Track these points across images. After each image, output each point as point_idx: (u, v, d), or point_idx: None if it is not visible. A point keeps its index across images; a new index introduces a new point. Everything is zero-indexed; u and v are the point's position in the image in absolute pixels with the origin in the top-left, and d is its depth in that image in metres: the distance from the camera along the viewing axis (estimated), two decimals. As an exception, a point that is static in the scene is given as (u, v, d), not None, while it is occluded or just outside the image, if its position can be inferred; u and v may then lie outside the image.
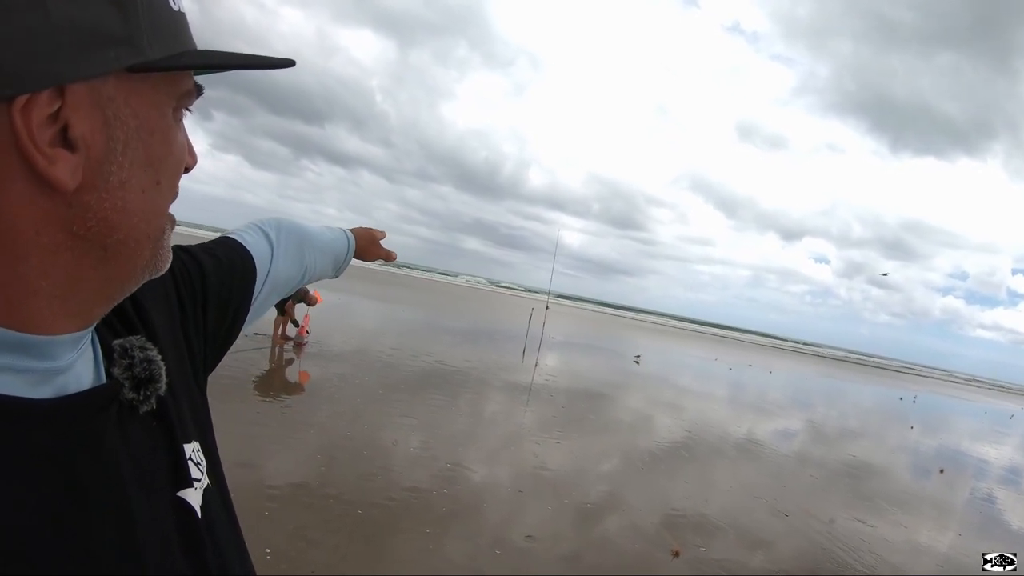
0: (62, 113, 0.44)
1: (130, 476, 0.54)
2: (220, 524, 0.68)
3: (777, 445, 11.38)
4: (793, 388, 25.46)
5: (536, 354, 16.74)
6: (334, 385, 9.34)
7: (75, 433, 0.50)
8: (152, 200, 0.52)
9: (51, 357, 0.49)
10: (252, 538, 4.01)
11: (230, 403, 7.15)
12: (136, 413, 0.58)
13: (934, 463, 12.79)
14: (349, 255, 1.30)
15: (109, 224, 0.48)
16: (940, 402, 31.59)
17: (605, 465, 7.84)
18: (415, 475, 5.95)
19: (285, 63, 0.59)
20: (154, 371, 0.60)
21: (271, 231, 1.02)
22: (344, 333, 14.57)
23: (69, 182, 0.44)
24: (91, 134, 0.46)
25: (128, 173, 0.49)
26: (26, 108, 0.42)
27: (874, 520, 7.64)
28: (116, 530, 0.51)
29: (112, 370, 0.58)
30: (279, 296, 1.03)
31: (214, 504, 0.68)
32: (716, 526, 6.25)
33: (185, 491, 0.62)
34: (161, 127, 0.52)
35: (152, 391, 0.59)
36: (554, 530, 5.38)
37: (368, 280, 41.21)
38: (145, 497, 0.56)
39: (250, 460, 5.54)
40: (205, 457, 0.69)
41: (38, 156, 0.43)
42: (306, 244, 1.10)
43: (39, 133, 0.42)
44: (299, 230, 1.09)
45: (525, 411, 10.10)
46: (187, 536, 0.61)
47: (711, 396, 16.54)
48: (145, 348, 0.61)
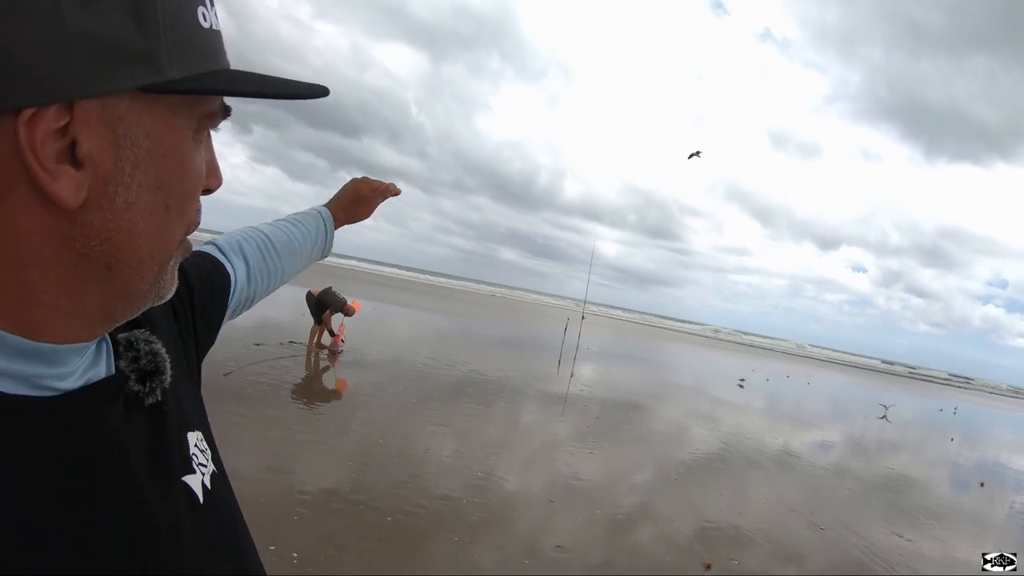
0: (70, 129, 0.43)
1: (138, 464, 0.55)
2: (227, 509, 0.70)
3: (814, 457, 11.16)
4: (831, 399, 24.97)
5: (571, 364, 16.66)
6: (368, 393, 9.40)
7: (82, 424, 0.50)
8: (159, 224, 0.51)
9: (57, 364, 0.50)
10: (280, 542, 4.02)
11: (264, 409, 7.25)
12: (142, 405, 0.59)
13: (974, 476, 12.42)
14: (330, 233, 1.27)
15: (112, 244, 0.48)
16: (981, 413, 30.73)
17: (638, 476, 7.77)
18: (446, 483, 5.96)
19: (317, 92, 0.57)
20: (159, 364, 0.61)
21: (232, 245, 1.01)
22: (380, 342, 14.66)
23: (71, 200, 0.44)
24: (99, 153, 0.45)
25: (135, 195, 0.48)
26: (32, 121, 0.41)
27: (912, 534, 7.44)
28: (128, 516, 0.52)
29: (118, 363, 0.59)
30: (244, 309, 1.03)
31: (220, 490, 0.69)
32: (750, 539, 6.15)
33: (191, 477, 0.64)
34: (176, 149, 0.50)
35: (157, 383, 0.60)
36: (585, 540, 5.34)
37: (406, 290, 41.51)
38: (154, 484, 0.56)
39: (282, 465, 5.61)
40: (208, 445, 0.71)
41: (40, 171, 0.42)
42: (268, 250, 1.08)
43: (43, 148, 0.42)
44: (259, 238, 1.08)
45: (559, 421, 10.05)
46: (197, 521, 0.62)
47: (747, 407, 16.30)
48: (150, 341, 0.62)
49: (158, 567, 0.53)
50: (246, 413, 6.82)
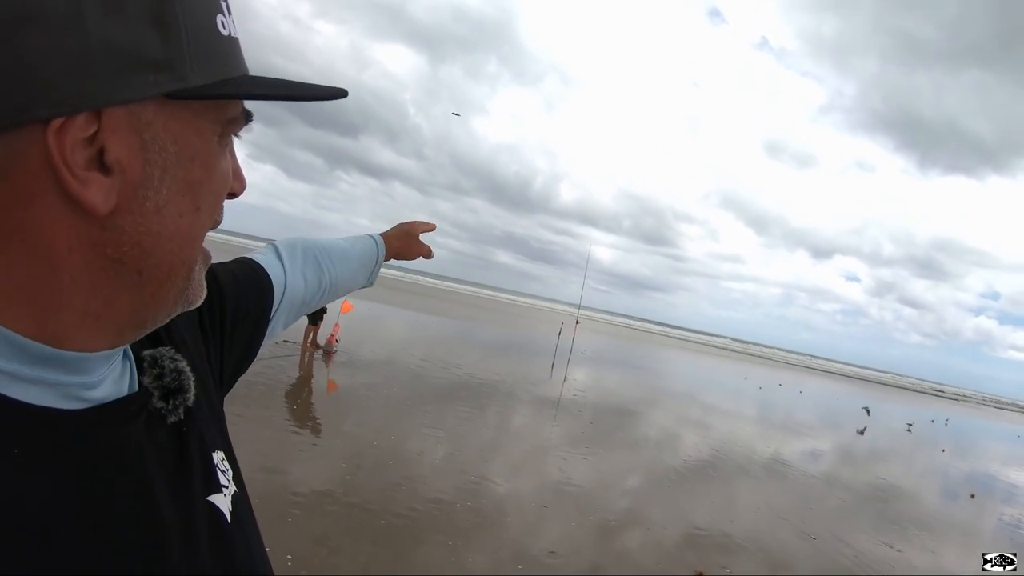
0: (98, 136, 0.44)
1: (158, 481, 0.55)
2: (248, 529, 0.69)
3: (805, 466, 11.20)
4: (823, 408, 25.04)
5: (565, 368, 16.67)
6: (362, 394, 9.40)
7: (104, 440, 0.51)
8: (189, 226, 0.51)
9: (84, 372, 0.50)
10: (274, 543, 4.00)
11: (258, 409, 7.24)
12: (164, 422, 0.59)
13: (965, 487, 12.51)
14: (380, 260, 1.27)
15: (143, 249, 0.48)
16: (972, 425, 30.82)
17: (630, 482, 7.80)
18: (440, 486, 5.97)
19: (337, 94, 0.58)
20: (183, 382, 0.61)
21: (284, 250, 1.02)
22: (374, 343, 14.66)
23: (102, 206, 0.44)
24: (127, 159, 0.45)
25: (165, 199, 0.48)
26: (61, 130, 0.42)
27: (901, 544, 7.48)
28: (142, 531, 0.51)
29: (142, 379, 0.58)
30: (297, 316, 1.02)
31: (242, 510, 0.68)
32: (741, 547, 6.17)
33: (215, 496, 0.63)
34: (202, 153, 0.51)
35: (181, 401, 0.60)
36: (577, 546, 5.36)
37: (399, 291, 41.44)
38: (174, 502, 0.56)
39: (276, 466, 5.61)
40: (230, 466, 0.70)
41: (70, 179, 0.42)
42: (325, 258, 1.09)
43: (72, 156, 0.42)
44: (315, 246, 1.09)
45: (552, 426, 10.07)
46: (218, 540, 0.61)
47: (739, 415, 16.33)
48: (175, 359, 0.61)
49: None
50: (241, 413, 6.80)
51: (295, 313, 1.01)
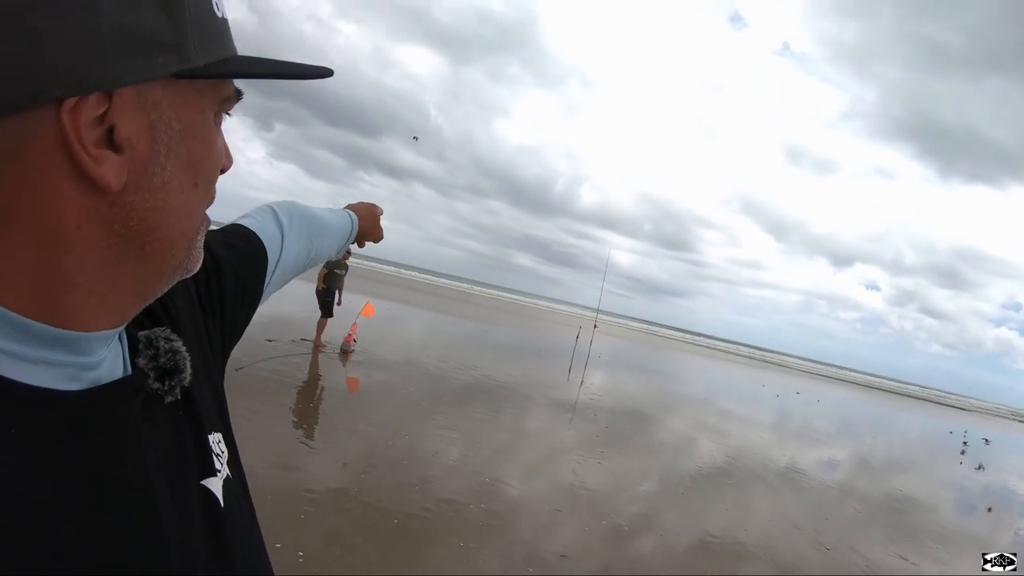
0: (109, 115, 0.45)
1: (153, 463, 0.56)
2: (240, 514, 0.70)
3: (821, 475, 11.09)
4: (841, 417, 24.78)
5: (582, 372, 16.64)
6: (378, 394, 9.45)
7: (100, 422, 0.51)
8: (190, 201, 0.54)
9: (85, 352, 0.51)
10: (287, 540, 4.05)
11: (274, 406, 7.31)
12: (161, 403, 0.60)
13: (982, 500, 12.35)
14: (350, 239, 1.31)
15: (148, 223, 0.50)
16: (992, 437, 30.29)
17: (644, 487, 7.77)
18: (453, 487, 5.98)
19: (322, 72, 0.61)
20: (179, 362, 0.61)
21: (283, 216, 1.03)
22: (391, 343, 14.71)
23: (114, 182, 0.46)
24: (136, 137, 0.47)
25: (170, 175, 0.51)
26: (75, 110, 0.43)
27: (916, 557, 7.39)
28: (138, 513, 0.52)
29: (137, 361, 0.59)
30: (280, 287, 1.02)
31: (234, 494, 0.69)
32: (754, 555, 6.13)
33: (209, 480, 0.64)
34: (203, 131, 0.54)
35: (177, 381, 0.61)
36: (589, 550, 5.35)
37: (418, 291, 41.57)
38: (169, 484, 0.57)
39: (290, 463, 5.65)
40: (227, 448, 0.71)
41: (85, 157, 0.44)
42: (315, 229, 1.11)
43: (86, 134, 0.44)
44: (309, 215, 1.11)
45: (568, 429, 10.06)
46: (211, 523, 0.62)
47: (757, 422, 16.22)
48: (170, 339, 0.62)
49: (164, 568, 0.54)
50: (256, 408, 6.86)
51: (280, 284, 1.02)
